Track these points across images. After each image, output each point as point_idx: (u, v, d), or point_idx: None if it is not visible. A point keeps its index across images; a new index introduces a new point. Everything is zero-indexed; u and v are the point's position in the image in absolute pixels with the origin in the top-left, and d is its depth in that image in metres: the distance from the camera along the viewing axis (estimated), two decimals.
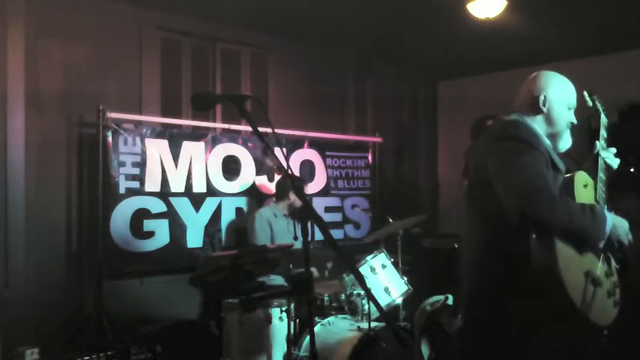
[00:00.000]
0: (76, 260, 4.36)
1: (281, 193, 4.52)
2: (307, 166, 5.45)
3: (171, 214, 4.54)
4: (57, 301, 4.25)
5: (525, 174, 1.87)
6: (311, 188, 5.35)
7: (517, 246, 1.92)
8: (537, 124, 2.13)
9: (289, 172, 2.07)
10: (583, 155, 2.35)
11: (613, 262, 2.11)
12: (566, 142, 2.17)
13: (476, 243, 2.11)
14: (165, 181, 4.52)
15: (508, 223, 1.90)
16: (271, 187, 5.01)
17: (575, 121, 2.18)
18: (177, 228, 4.57)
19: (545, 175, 1.92)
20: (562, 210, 1.86)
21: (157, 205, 4.47)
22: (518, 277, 1.93)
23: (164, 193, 4.51)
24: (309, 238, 1.91)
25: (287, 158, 5.19)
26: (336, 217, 5.65)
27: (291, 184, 4.07)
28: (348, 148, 5.87)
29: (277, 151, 4.70)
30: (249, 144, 5.03)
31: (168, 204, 4.53)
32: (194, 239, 4.66)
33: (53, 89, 4.26)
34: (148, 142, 4.45)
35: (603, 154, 2.28)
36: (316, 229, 4.21)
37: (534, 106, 2.13)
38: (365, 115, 6.41)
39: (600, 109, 2.43)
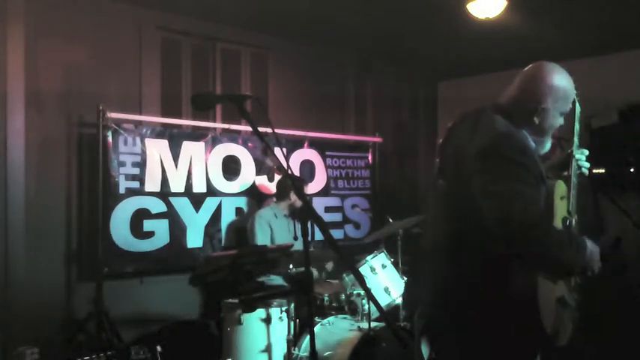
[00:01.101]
0: (76, 260, 4.36)
1: (282, 193, 4.52)
2: (307, 166, 5.45)
3: (171, 214, 4.54)
4: (57, 301, 4.25)
5: (519, 204, 1.72)
6: (311, 188, 5.35)
7: (498, 265, 1.84)
8: (526, 130, 1.97)
9: (289, 172, 2.06)
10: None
11: (576, 277, 2.04)
12: (547, 147, 2.04)
13: (451, 245, 1.96)
14: (165, 181, 4.52)
15: (491, 241, 1.79)
16: (271, 187, 5.01)
17: (562, 123, 2.03)
18: (177, 228, 4.57)
19: (538, 201, 1.81)
20: (553, 245, 1.77)
21: (157, 205, 4.47)
22: (494, 294, 1.85)
23: (164, 193, 4.51)
24: (309, 238, 1.91)
25: (287, 158, 5.19)
26: (336, 217, 5.65)
27: (292, 184, 4.07)
28: (348, 148, 5.87)
29: (277, 151, 4.70)
30: (249, 144, 5.03)
31: (168, 204, 4.53)
32: (194, 239, 4.66)
33: (53, 89, 4.26)
34: (148, 142, 4.45)
35: (577, 155, 2.12)
36: (316, 229, 4.21)
37: (527, 116, 1.95)
38: (365, 115, 6.41)
39: (574, 96, 2.14)
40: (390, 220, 4.40)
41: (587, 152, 2.14)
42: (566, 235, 1.90)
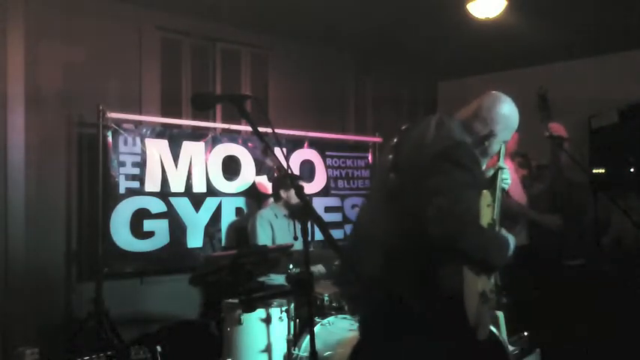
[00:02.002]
0: (76, 260, 4.36)
1: (276, 193, 4.52)
2: (307, 166, 5.45)
3: (171, 214, 4.54)
4: (57, 301, 4.26)
5: (463, 205, 1.87)
6: (311, 188, 5.35)
7: (432, 258, 1.92)
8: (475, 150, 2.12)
9: (285, 170, 2.06)
10: (583, 156, 2.30)
11: (497, 279, 2.15)
12: (482, 168, 2.19)
13: (391, 237, 2.02)
14: (165, 181, 4.52)
15: (430, 237, 1.87)
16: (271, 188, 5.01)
17: (498, 150, 2.21)
18: (177, 228, 4.57)
19: (477, 205, 1.98)
20: (485, 242, 1.93)
21: (157, 205, 4.47)
22: (425, 285, 1.93)
23: (164, 193, 4.51)
24: (309, 238, 1.91)
25: (287, 158, 5.19)
26: (336, 217, 5.64)
27: (290, 182, 4.08)
28: (348, 148, 5.87)
29: (277, 151, 4.70)
30: (249, 144, 5.03)
31: (168, 204, 4.53)
32: (194, 239, 4.66)
33: (53, 89, 4.26)
34: (148, 142, 4.45)
35: (501, 172, 2.25)
36: (316, 229, 4.20)
37: (479, 139, 2.13)
38: (365, 115, 6.41)
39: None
40: None
41: (508, 173, 2.29)
42: (495, 235, 2.08)
